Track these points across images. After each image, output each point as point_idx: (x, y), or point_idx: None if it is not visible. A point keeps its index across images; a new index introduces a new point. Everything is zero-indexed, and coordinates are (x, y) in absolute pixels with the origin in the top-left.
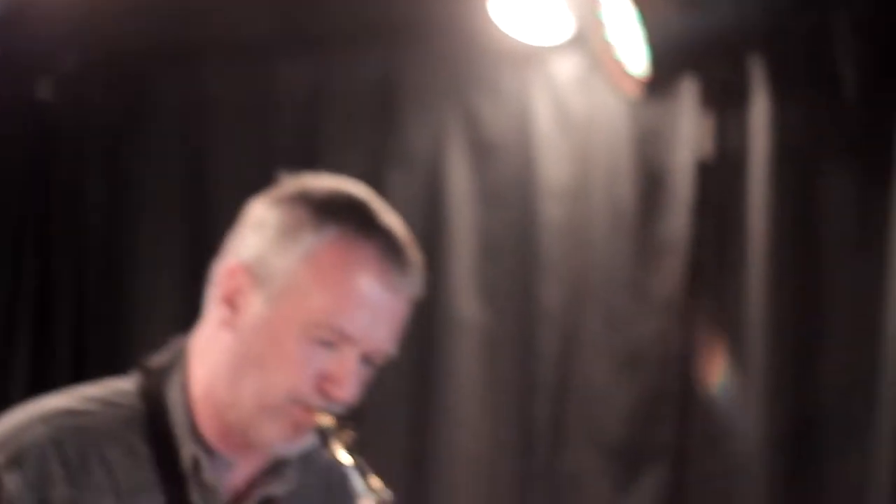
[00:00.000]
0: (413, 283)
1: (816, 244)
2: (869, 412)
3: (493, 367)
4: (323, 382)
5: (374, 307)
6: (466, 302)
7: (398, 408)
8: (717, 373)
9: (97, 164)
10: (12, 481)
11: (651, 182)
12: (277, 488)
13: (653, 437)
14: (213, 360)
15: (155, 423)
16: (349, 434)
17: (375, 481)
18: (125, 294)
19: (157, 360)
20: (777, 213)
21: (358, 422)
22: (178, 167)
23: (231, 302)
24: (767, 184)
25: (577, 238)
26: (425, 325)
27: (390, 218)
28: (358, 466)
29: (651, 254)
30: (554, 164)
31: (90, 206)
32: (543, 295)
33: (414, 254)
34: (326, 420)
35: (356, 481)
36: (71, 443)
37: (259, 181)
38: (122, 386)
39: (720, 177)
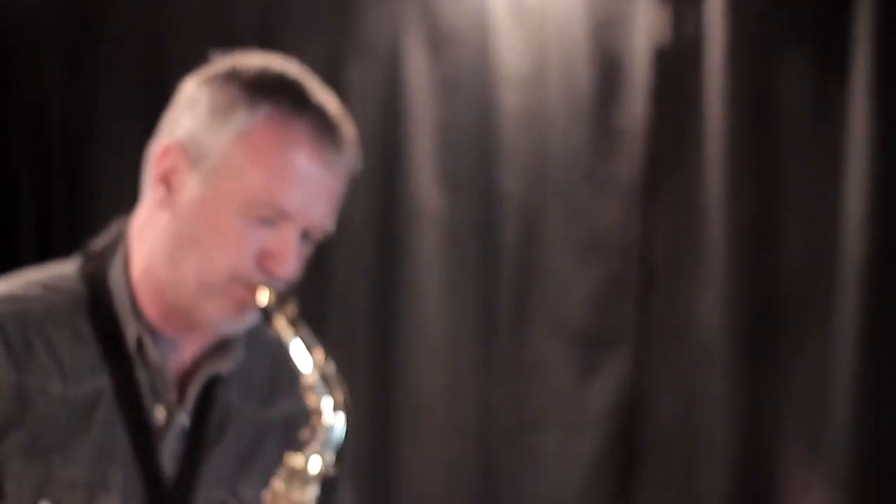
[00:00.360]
0: (348, 159)
1: (774, 129)
2: (829, 295)
3: (454, 255)
4: (263, 260)
5: (311, 183)
6: (427, 191)
7: (361, 296)
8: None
9: (57, 61)
10: None
11: (608, 69)
12: (223, 366)
13: (615, 323)
14: (151, 241)
15: (98, 305)
16: (291, 309)
17: (318, 355)
18: (89, 191)
19: (99, 242)
20: (734, 99)
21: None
22: (138, 65)
23: (167, 181)
24: (725, 70)
25: (536, 126)
26: (387, 215)
27: (323, 95)
28: (301, 340)
29: (609, 141)
30: (511, 52)
31: (51, 105)
32: (503, 183)
33: (348, 130)
34: (268, 297)
35: (298, 356)
36: (13, 327)
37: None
38: (65, 270)
39: (677, 63)
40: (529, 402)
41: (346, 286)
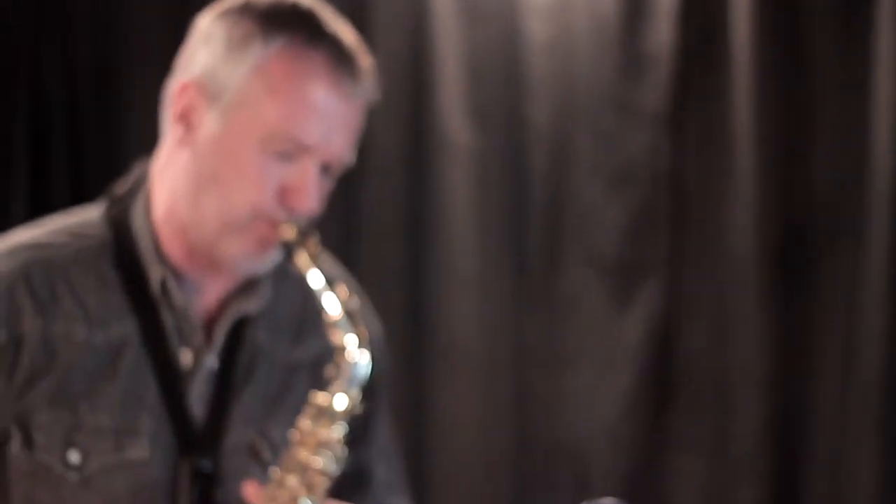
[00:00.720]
0: (366, 89)
1: (802, 49)
2: (859, 217)
3: (484, 188)
4: (284, 195)
5: (329, 115)
6: (455, 123)
7: (390, 231)
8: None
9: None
10: None
11: None
12: (250, 306)
13: (646, 253)
14: (172, 181)
15: (122, 249)
16: (313, 245)
17: (342, 290)
18: (119, 113)
19: (122, 185)
20: (761, 21)
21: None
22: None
23: (185, 119)
24: None
25: (563, 55)
26: (415, 148)
27: (339, 25)
28: (324, 276)
29: (636, 67)
30: None
31: (78, 26)
32: (531, 113)
33: (365, 59)
34: (291, 233)
35: (321, 292)
36: (38, 274)
37: None
38: (90, 215)
39: None
40: (562, 336)
41: (374, 221)
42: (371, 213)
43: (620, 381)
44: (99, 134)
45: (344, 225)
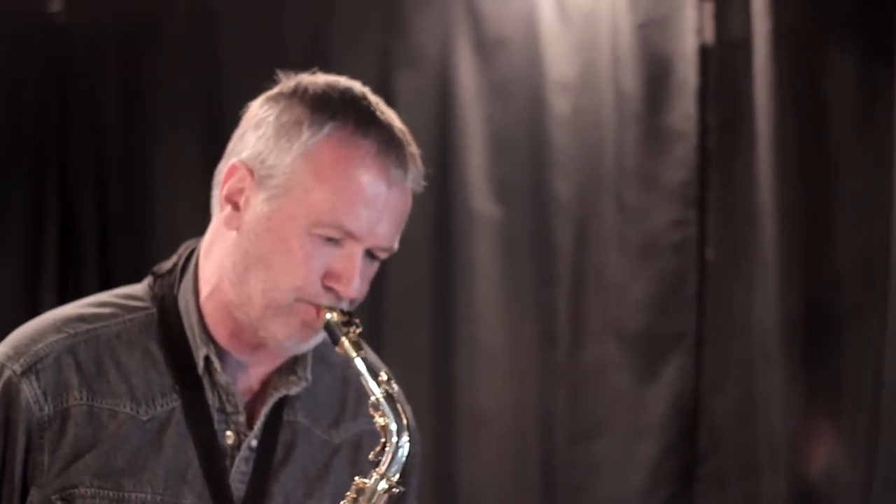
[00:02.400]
0: (413, 177)
1: (824, 123)
2: (883, 290)
3: (510, 261)
4: (329, 280)
5: (376, 203)
6: (480, 197)
7: (420, 306)
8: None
9: (112, 75)
10: (30, 390)
11: (656, 69)
12: (292, 388)
13: (672, 324)
14: (219, 261)
15: (167, 326)
16: (355, 330)
17: (382, 375)
18: (146, 204)
19: (168, 263)
20: (783, 95)
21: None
22: (191, 76)
23: (234, 201)
24: (772, 65)
25: (587, 129)
26: (442, 223)
27: (388, 112)
28: (365, 361)
29: (660, 141)
30: (559, 56)
31: (107, 119)
32: (556, 187)
33: (412, 147)
34: (334, 317)
35: (364, 376)
36: (85, 349)
37: (271, 86)
38: (135, 291)
39: (724, 61)
40: (589, 407)
41: (402, 295)
42: (397, 287)
43: (646, 451)
44: (126, 224)
45: (371, 298)
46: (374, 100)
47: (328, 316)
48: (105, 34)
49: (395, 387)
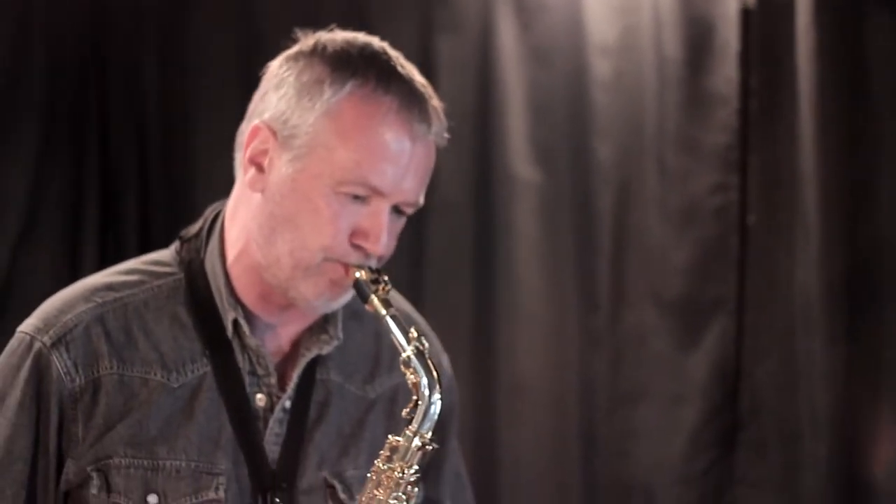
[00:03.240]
0: (436, 130)
1: (866, 87)
2: None
3: (550, 226)
4: (356, 238)
5: (400, 158)
6: (521, 162)
7: (459, 271)
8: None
9: (151, 37)
10: (60, 361)
11: (698, 32)
12: (324, 348)
13: (713, 290)
14: (245, 224)
15: (195, 291)
16: (385, 287)
17: (412, 331)
18: (187, 166)
19: (194, 227)
20: (825, 58)
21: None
22: (232, 42)
23: (258, 163)
24: (814, 28)
25: (628, 93)
26: (482, 188)
27: (408, 67)
28: (395, 318)
29: (702, 105)
30: (601, 19)
31: (147, 81)
32: (596, 152)
33: (434, 100)
34: (363, 275)
35: (394, 332)
36: (114, 318)
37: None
38: (162, 257)
39: (767, 23)
40: (630, 373)
41: (441, 258)
42: (438, 251)
43: (687, 417)
44: (166, 179)
45: (412, 262)
46: (394, 55)
47: (357, 274)
48: (145, 9)
49: (426, 343)
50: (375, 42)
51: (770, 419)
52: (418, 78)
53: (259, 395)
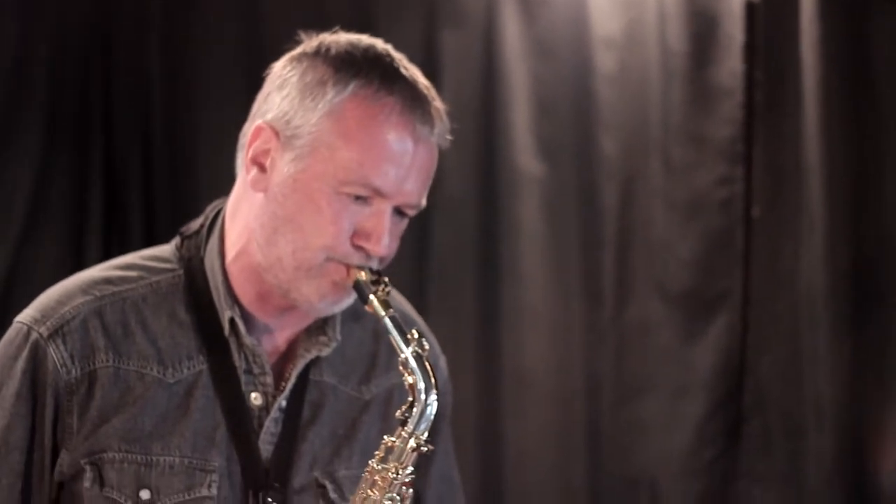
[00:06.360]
0: (439, 132)
1: (871, 80)
2: None
3: (555, 219)
4: (358, 239)
5: (403, 160)
6: (526, 156)
7: (464, 265)
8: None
9: (156, 29)
10: (57, 353)
11: (702, 26)
12: (323, 349)
13: (718, 283)
14: (246, 223)
15: (194, 289)
16: (384, 289)
17: (412, 333)
18: (192, 160)
19: (195, 224)
20: (829, 51)
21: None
22: (236, 32)
23: (260, 163)
24: (819, 21)
25: (632, 87)
26: (487, 182)
27: (411, 69)
28: (394, 320)
29: (706, 98)
30: (605, 13)
31: (152, 73)
32: (601, 145)
33: (437, 102)
34: (363, 276)
35: (393, 335)
36: (112, 312)
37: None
38: (162, 252)
39: (771, 16)
40: (635, 367)
41: (447, 255)
42: (443, 245)
43: (692, 410)
44: (171, 172)
45: (416, 257)
46: (398, 56)
47: (357, 274)
48: (148, 6)
49: (426, 344)
50: (379, 44)
51: (775, 412)
52: (422, 80)
53: (254, 394)
